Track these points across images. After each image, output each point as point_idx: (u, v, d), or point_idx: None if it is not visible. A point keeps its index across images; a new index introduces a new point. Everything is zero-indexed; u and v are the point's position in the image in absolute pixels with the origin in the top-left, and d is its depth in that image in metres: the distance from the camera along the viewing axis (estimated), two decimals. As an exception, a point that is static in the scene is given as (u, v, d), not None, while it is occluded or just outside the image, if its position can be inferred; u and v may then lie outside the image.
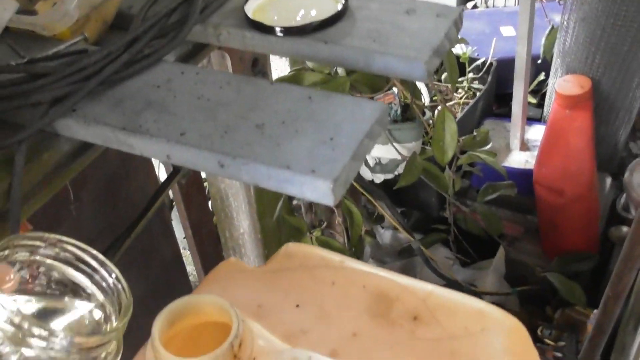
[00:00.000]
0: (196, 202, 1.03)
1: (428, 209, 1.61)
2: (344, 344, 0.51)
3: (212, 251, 1.14)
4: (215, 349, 0.47)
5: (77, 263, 0.44)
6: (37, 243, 0.42)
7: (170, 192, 1.36)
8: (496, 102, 1.81)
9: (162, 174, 1.21)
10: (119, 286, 0.45)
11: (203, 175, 1.18)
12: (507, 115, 1.68)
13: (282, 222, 1.24)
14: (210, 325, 0.52)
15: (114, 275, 0.45)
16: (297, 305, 0.55)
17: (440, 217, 1.59)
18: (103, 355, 0.42)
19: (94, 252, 0.44)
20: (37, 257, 0.43)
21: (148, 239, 1.06)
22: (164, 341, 0.48)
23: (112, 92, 0.56)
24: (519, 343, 0.53)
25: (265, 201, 1.18)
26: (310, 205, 1.34)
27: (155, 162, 1.09)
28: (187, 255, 1.32)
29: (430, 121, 1.49)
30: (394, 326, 0.53)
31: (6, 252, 0.41)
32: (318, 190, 0.44)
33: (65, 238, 0.43)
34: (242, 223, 1.20)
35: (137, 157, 1.05)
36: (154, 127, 0.51)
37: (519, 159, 1.58)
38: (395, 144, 1.29)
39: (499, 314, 0.54)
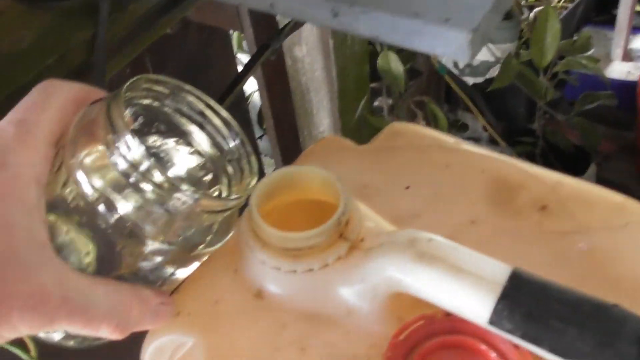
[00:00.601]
0: (279, 92, 0.97)
1: (515, 119, 1.52)
2: (462, 231, 0.45)
3: (292, 149, 1.09)
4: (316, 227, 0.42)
5: (200, 119, 0.39)
6: (163, 90, 0.37)
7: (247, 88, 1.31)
8: (595, 8, 1.66)
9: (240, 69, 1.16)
10: (242, 151, 0.39)
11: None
12: (607, 23, 1.54)
13: (362, 121, 1.17)
14: (310, 203, 0.46)
15: (238, 140, 0.39)
16: (407, 187, 0.49)
17: (527, 130, 1.50)
18: (215, 227, 0.37)
19: (224, 112, 0.39)
20: (162, 107, 0.38)
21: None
22: (261, 215, 0.43)
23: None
24: (665, 243, 0.45)
25: (347, 98, 1.11)
26: (392, 107, 1.27)
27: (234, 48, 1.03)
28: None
29: (524, 26, 1.37)
30: (519, 216, 0.46)
31: (131, 94, 0.35)
32: (452, 43, 0.37)
33: (193, 90, 0.38)
34: (322, 121, 1.14)
35: (218, 42, 1.00)
36: (256, -30, 0.44)
37: (620, 70, 1.46)
38: (489, 45, 1.19)
39: (644, 209, 0.46)
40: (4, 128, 0.31)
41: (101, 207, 0.32)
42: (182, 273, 0.40)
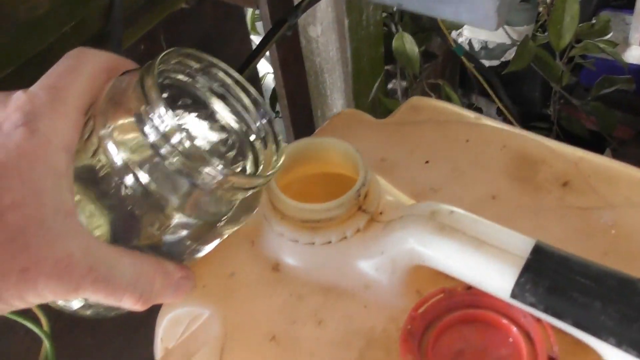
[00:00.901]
0: (293, 71, 0.97)
1: (530, 104, 1.50)
2: (482, 206, 0.45)
3: (305, 130, 1.08)
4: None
5: (229, 96, 0.38)
6: (194, 64, 0.36)
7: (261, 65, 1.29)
8: (614, -9, 1.64)
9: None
10: (269, 130, 0.39)
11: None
12: (626, 7, 1.52)
13: (377, 103, 1.16)
14: (329, 176, 0.46)
15: (266, 119, 0.39)
16: (427, 162, 0.48)
17: (542, 115, 1.48)
18: (240, 204, 0.36)
19: (253, 91, 0.38)
20: (192, 81, 0.37)
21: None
22: (279, 187, 0.42)
23: None
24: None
25: (362, 80, 1.10)
26: (406, 90, 1.26)
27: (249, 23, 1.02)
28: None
29: (541, 9, 1.35)
30: (540, 191, 0.46)
31: (164, 66, 0.35)
32: (478, 10, 0.36)
33: (225, 66, 0.37)
34: (335, 102, 1.13)
35: (233, 18, 0.99)
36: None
37: (637, 55, 1.43)
38: (505, 27, 1.18)
39: (667, 185, 0.45)
40: (35, 94, 0.30)
41: (129, 178, 0.32)
42: (203, 250, 0.40)
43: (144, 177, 0.32)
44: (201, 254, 0.40)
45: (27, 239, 0.28)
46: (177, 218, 0.34)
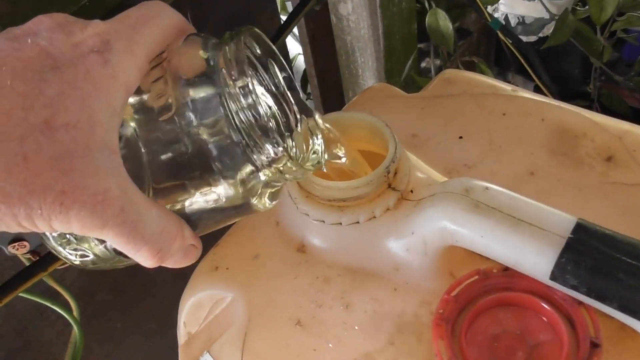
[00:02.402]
0: (323, 49, 0.94)
1: (569, 81, 1.46)
2: (520, 183, 0.42)
3: (336, 110, 1.06)
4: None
5: (276, 91, 0.37)
6: (257, 49, 0.36)
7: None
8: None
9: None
10: (313, 129, 0.38)
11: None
12: (670, -22, 1.46)
13: (410, 83, 1.14)
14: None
15: (311, 116, 0.38)
16: (460, 137, 0.46)
17: (582, 92, 1.43)
18: (277, 186, 0.35)
19: (300, 92, 0.37)
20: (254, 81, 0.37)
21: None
22: (304, 164, 0.41)
23: None
24: None
25: (394, 58, 1.07)
26: (440, 69, 1.23)
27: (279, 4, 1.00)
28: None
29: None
30: (582, 166, 0.43)
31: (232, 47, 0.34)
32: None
33: (282, 61, 0.36)
34: (367, 81, 1.11)
35: (260, -3, 0.97)
36: None
37: (683, 28, 1.38)
38: (544, 0, 1.14)
39: None
40: (115, 28, 0.30)
41: (188, 133, 0.31)
42: (219, 224, 0.39)
43: (202, 136, 0.31)
44: (215, 228, 0.39)
45: (72, 162, 0.27)
46: (219, 185, 0.33)
